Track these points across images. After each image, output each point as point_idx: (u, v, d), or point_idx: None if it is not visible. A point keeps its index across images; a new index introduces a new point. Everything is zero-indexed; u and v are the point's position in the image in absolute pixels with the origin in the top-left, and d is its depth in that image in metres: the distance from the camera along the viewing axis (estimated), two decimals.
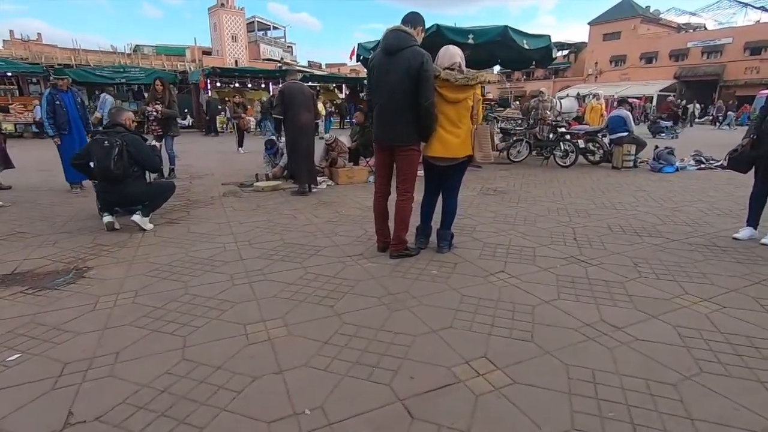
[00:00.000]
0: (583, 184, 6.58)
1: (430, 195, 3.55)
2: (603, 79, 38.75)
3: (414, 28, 3.10)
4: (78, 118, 6.07)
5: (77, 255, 3.45)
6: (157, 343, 2.15)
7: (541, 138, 9.06)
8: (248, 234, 4.00)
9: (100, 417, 1.62)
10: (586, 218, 4.57)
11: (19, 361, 1.99)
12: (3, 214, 4.77)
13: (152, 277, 2.99)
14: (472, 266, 3.18)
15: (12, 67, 17.02)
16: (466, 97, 3.18)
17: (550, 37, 8.41)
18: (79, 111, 6.14)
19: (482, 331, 2.24)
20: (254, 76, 22.31)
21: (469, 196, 5.69)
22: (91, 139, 4.11)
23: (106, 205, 4.16)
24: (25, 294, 2.73)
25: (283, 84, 6.01)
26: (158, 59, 28.06)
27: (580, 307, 2.51)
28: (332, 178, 6.74)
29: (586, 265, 3.20)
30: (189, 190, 6.25)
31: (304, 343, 2.15)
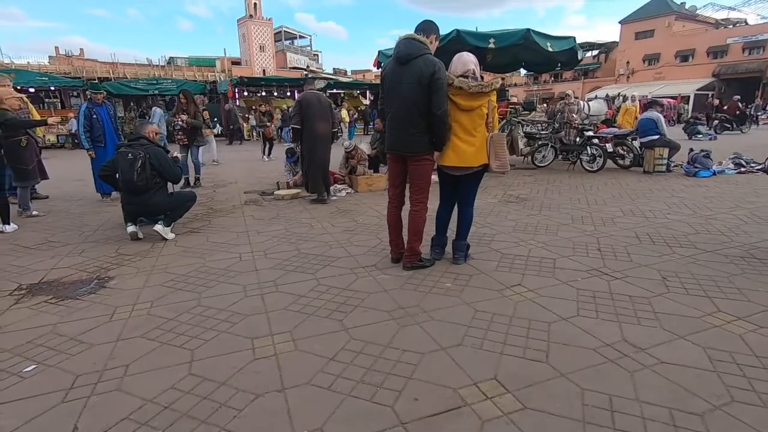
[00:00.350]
0: (610, 190, 6.32)
1: (445, 205, 3.47)
2: (636, 78, 37.45)
3: (427, 36, 3.04)
4: (113, 131, 6.31)
5: (101, 264, 3.56)
6: (166, 356, 2.17)
7: (567, 142, 8.80)
8: (265, 244, 4.03)
9: None
10: (613, 227, 4.37)
11: (34, 372, 2.04)
12: (37, 224, 5.00)
13: (168, 287, 3.05)
14: (488, 279, 3.08)
15: (54, 81, 18.02)
16: (480, 104, 3.10)
17: (574, 38, 8.17)
18: (113, 123, 6.39)
19: (494, 350, 2.15)
20: (280, 85, 22.78)
21: (490, 203, 5.56)
22: (116, 152, 4.25)
23: (131, 215, 4.29)
24: (48, 303, 2.83)
25: (300, 94, 6.08)
26: (190, 70, 29.14)
27: (600, 325, 2.37)
28: (352, 186, 6.75)
29: (610, 278, 3.04)
30: (212, 198, 6.39)
31: (310, 359, 2.12)
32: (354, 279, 3.12)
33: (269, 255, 3.71)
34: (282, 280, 3.13)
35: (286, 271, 3.32)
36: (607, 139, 8.31)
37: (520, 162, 9.28)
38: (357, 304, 2.71)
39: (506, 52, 8.37)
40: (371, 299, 2.78)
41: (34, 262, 3.66)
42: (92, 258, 3.73)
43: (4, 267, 3.55)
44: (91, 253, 3.86)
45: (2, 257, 3.81)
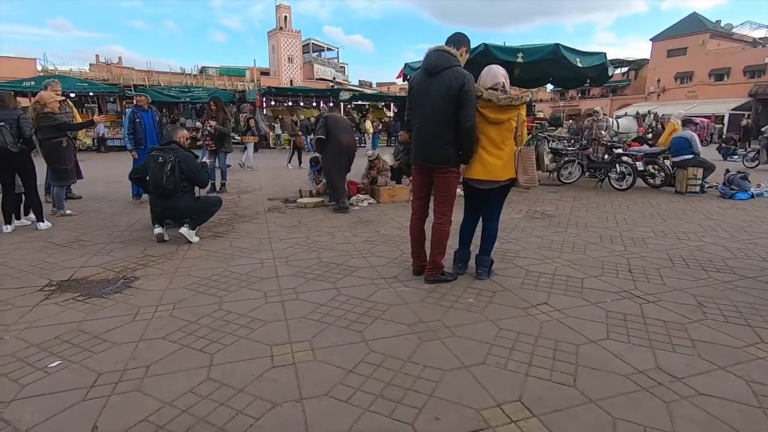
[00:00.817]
0: (641, 210, 6.11)
1: (469, 218, 3.41)
2: (667, 97, 36.54)
3: (458, 48, 3.03)
4: (155, 135, 6.52)
5: (127, 264, 3.63)
6: (185, 359, 2.17)
7: (595, 159, 8.60)
8: (286, 251, 4.04)
9: None
10: (644, 248, 4.20)
11: (59, 368, 2.07)
12: (70, 223, 5.17)
13: (191, 290, 3.07)
14: (512, 296, 2.99)
15: (93, 87, 18.85)
16: (509, 117, 3.05)
17: (605, 54, 8.04)
18: (156, 129, 6.61)
19: (518, 371, 2.07)
20: (306, 95, 23.20)
21: (514, 219, 5.45)
22: (148, 155, 4.38)
23: (158, 217, 4.39)
24: (76, 300, 2.89)
25: (326, 113, 6.39)
26: (221, 80, 30.04)
27: (632, 350, 2.26)
28: (374, 197, 6.74)
29: (642, 301, 2.91)
30: (237, 204, 6.49)
31: (329, 370, 2.08)
32: (375, 290, 3.08)
33: (290, 262, 3.71)
34: (302, 288, 3.12)
35: (306, 279, 3.31)
36: (637, 157, 8.08)
37: (545, 178, 9.11)
38: (377, 315, 2.67)
39: (534, 66, 8.28)
40: (392, 311, 2.73)
41: (65, 259, 3.77)
42: (119, 258, 3.82)
43: (37, 263, 3.66)
44: (118, 253, 3.95)
45: (36, 254, 3.93)
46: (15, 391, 1.89)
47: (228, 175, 8.07)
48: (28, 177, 4.79)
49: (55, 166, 5.43)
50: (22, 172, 4.75)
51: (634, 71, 42.18)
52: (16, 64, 28.56)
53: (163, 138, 6.41)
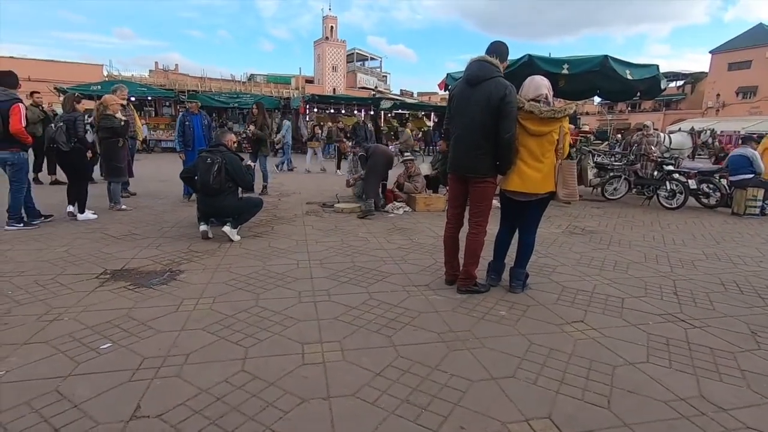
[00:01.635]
0: (691, 230, 5.78)
1: (505, 230, 3.37)
2: (726, 112, 34.36)
3: (500, 59, 3.02)
4: (202, 137, 6.89)
5: (173, 258, 3.85)
6: (222, 350, 2.27)
7: (643, 175, 8.22)
8: (321, 253, 4.14)
9: (161, 415, 1.73)
10: (692, 270, 3.97)
11: (109, 350, 2.23)
12: (125, 217, 5.54)
13: (230, 286, 3.22)
14: (547, 311, 2.91)
15: (151, 92, 20.13)
16: (551, 130, 3.00)
17: (657, 66, 7.69)
18: (205, 132, 6.99)
19: (549, 387, 2.02)
20: (348, 103, 23.66)
21: (553, 233, 5.31)
22: (198, 156, 4.63)
23: (204, 215, 4.62)
24: (127, 289, 3.10)
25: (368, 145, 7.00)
26: (267, 87, 31.26)
27: (673, 376, 2.15)
28: (410, 205, 6.77)
29: (687, 325, 2.75)
30: (276, 206, 6.71)
31: (357, 371, 2.12)
32: (406, 296, 3.10)
33: (325, 264, 3.80)
34: (335, 290, 3.18)
35: (339, 281, 3.38)
36: (690, 175, 7.65)
37: (588, 193, 8.80)
38: (407, 322, 2.68)
39: (580, 78, 8.05)
40: (422, 319, 2.74)
41: (119, 250, 4.05)
42: (167, 252, 4.05)
43: (95, 253, 3.95)
44: (166, 248, 4.19)
45: (94, 243, 4.25)
46: (71, 367, 2.06)
47: (270, 178, 8.35)
48: (77, 172, 5.32)
49: (111, 164, 5.86)
50: (74, 168, 5.29)
51: (691, 85, 40.02)
52: (85, 70, 31.03)
53: (211, 140, 6.76)
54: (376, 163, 6.37)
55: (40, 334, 2.39)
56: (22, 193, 4.75)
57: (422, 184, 7.12)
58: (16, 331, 2.40)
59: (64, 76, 26.50)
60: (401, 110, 24.78)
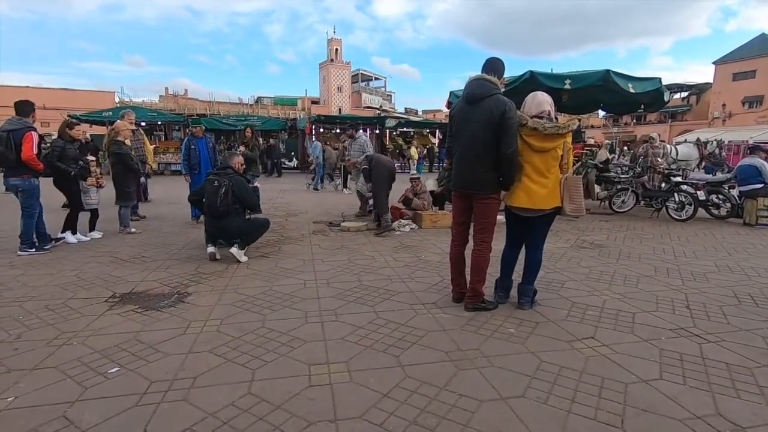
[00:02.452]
0: (702, 242, 5.70)
1: (511, 246, 3.35)
2: (733, 122, 34.21)
3: (498, 76, 3.06)
4: (208, 159, 7.02)
5: (181, 281, 3.88)
6: (229, 373, 2.27)
7: (651, 187, 8.17)
8: (328, 273, 4.15)
9: None
10: (705, 283, 3.90)
11: (117, 374, 2.24)
12: (134, 240, 5.61)
13: (238, 307, 3.22)
14: (556, 328, 2.87)
15: (161, 117, 20.61)
16: (555, 146, 3.01)
17: (660, 79, 7.73)
18: (210, 154, 7.12)
19: (560, 407, 1.98)
20: (353, 123, 23.95)
21: (561, 248, 5.26)
22: (206, 179, 4.71)
23: (211, 236, 4.67)
24: (135, 312, 3.12)
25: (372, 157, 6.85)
26: (274, 109, 31.88)
27: (689, 393, 2.09)
28: (416, 222, 6.78)
29: (701, 340, 2.70)
30: (284, 226, 6.75)
31: (364, 392, 2.09)
32: (413, 315, 3.08)
33: (332, 284, 3.80)
34: (342, 310, 3.17)
35: (346, 301, 3.37)
36: (698, 186, 7.59)
37: (595, 207, 8.75)
38: (415, 341, 2.66)
39: (583, 92, 8.12)
40: (429, 338, 2.71)
41: (128, 273, 4.09)
42: (175, 274, 4.08)
43: (104, 276, 4.00)
44: (174, 270, 4.23)
45: (103, 267, 4.30)
46: (79, 392, 2.06)
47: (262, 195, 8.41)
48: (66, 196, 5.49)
49: (120, 188, 5.97)
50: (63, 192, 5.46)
51: (696, 96, 40.06)
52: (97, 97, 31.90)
53: (217, 163, 6.87)
54: (382, 176, 6.40)
55: (50, 359, 2.40)
56: (34, 218, 4.84)
57: (429, 201, 7.14)
58: (26, 357, 2.42)
59: (78, 103, 27.29)
60: (406, 128, 25.03)
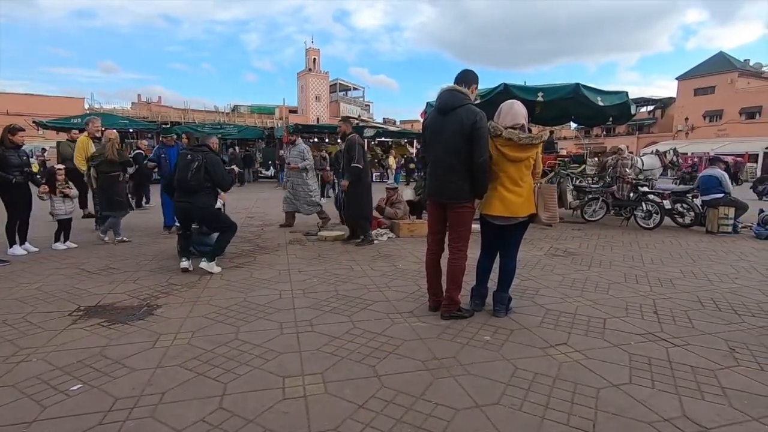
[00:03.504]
0: (669, 249, 5.92)
1: (486, 254, 3.39)
2: (696, 135, 35.95)
3: (468, 86, 3.12)
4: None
5: (151, 293, 3.75)
6: (200, 387, 2.20)
7: (620, 197, 8.45)
8: (304, 283, 4.09)
9: None
10: (671, 288, 4.04)
11: (79, 392, 2.14)
12: (102, 251, 5.41)
13: (210, 319, 3.14)
14: (530, 335, 2.91)
15: (133, 124, 20.08)
16: (528, 155, 3.09)
17: (627, 93, 8.08)
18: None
19: (534, 413, 2.00)
20: (332, 132, 23.94)
21: (535, 256, 5.37)
22: (178, 154, 4.55)
23: (179, 218, 4.50)
24: (101, 326, 2.99)
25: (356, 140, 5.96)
26: (251, 117, 31.54)
27: (657, 397, 2.15)
28: (393, 230, 6.79)
29: (668, 344, 2.78)
30: (259, 236, 6.64)
31: (339, 404, 2.06)
32: (390, 324, 3.07)
33: (308, 294, 3.75)
34: (318, 320, 3.13)
35: (322, 311, 3.33)
36: (664, 196, 7.90)
37: (568, 215, 8.98)
38: (391, 350, 2.65)
39: (555, 105, 8.39)
40: (406, 347, 2.70)
41: (94, 286, 3.93)
42: (145, 286, 3.95)
43: (69, 289, 3.83)
44: (144, 281, 4.09)
45: (68, 279, 4.12)
46: (37, 412, 1.96)
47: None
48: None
49: (111, 197, 5.80)
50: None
51: (661, 110, 41.88)
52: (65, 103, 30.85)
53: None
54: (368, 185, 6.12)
55: (7, 377, 2.27)
56: None
57: (404, 210, 7.17)
58: None
59: (44, 109, 26.33)
60: (384, 138, 25.18)
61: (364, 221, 6.10)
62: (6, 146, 4.97)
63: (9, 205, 5.08)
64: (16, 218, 5.16)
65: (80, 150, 6.58)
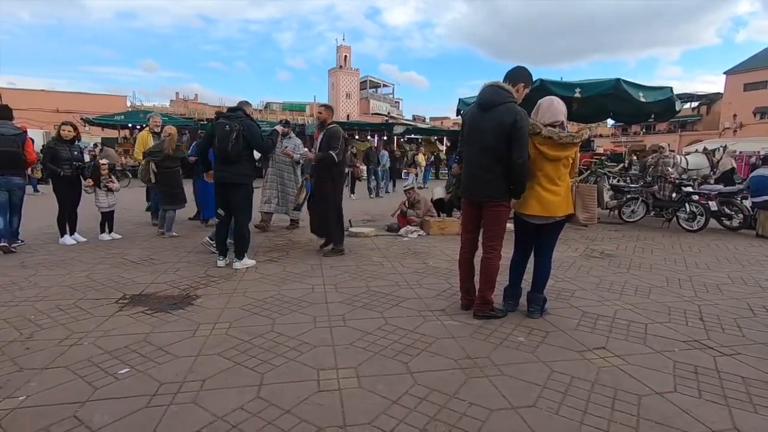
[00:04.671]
0: (715, 253, 5.62)
1: (520, 254, 3.33)
2: (745, 133, 33.88)
3: (514, 84, 3.05)
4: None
5: (191, 283, 3.89)
6: (238, 376, 2.26)
7: (661, 197, 8.09)
8: (336, 278, 4.14)
9: None
10: (718, 294, 3.84)
11: (127, 375, 2.25)
12: (144, 242, 5.66)
13: (246, 311, 3.23)
14: (567, 337, 2.84)
15: (172, 121, 20.81)
16: (567, 154, 3.01)
17: (671, 88, 7.70)
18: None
19: (572, 417, 1.94)
20: (361, 129, 24.10)
21: (570, 257, 5.22)
22: (216, 122, 4.59)
23: (220, 179, 4.47)
24: (145, 314, 3.13)
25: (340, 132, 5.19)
26: (283, 114, 32.13)
27: (704, 407, 2.05)
28: (423, 228, 6.76)
29: (716, 353, 2.65)
30: (291, 231, 6.76)
31: (373, 398, 2.08)
32: (422, 322, 3.06)
33: (340, 289, 3.79)
34: (350, 315, 3.16)
35: (354, 306, 3.36)
36: (710, 197, 7.50)
37: (605, 216, 8.68)
38: (423, 348, 2.64)
39: (593, 101, 8.10)
40: (438, 345, 2.69)
41: (138, 275, 4.12)
42: (184, 277, 4.10)
43: (114, 277, 4.03)
44: (183, 272, 4.25)
45: (114, 269, 4.33)
46: (89, 393, 2.07)
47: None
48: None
49: (168, 190, 6.06)
50: None
51: (706, 106, 39.78)
52: (109, 101, 32.39)
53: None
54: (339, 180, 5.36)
55: (60, 359, 2.42)
56: None
57: (424, 209, 7.06)
58: (37, 356, 2.44)
59: (91, 107, 27.71)
60: (414, 135, 25.10)
61: (335, 231, 5.23)
62: (57, 140, 5.32)
63: (59, 197, 5.42)
64: (66, 209, 5.49)
65: (140, 144, 6.96)
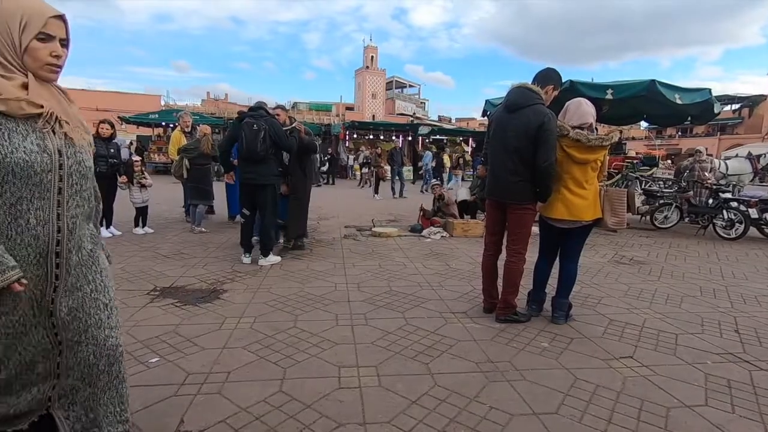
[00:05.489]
0: (754, 263, 5.36)
1: (545, 258, 3.27)
2: None
3: (543, 86, 3.01)
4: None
5: (218, 278, 4.01)
6: (261, 369, 2.32)
7: (697, 203, 7.76)
8: (359, 277, 4.18)
9: (202, 431, 1.79)
10: (756, 306, 3.67)
11: (157, 364, 2.34)
12: (174, 237, 5.86)
13: (270, 306, 3.30)
14: (592, 345, 2.77)
15: (203, 120, 21.42)
16: (596, 157, 2.94)
17: (710, 90, 7.38)
18: None
19: (596, 427, 1.90)
20: (386, 129, 24.15)
21: (598, 262, 5.09)
22: (242, 122, 4.59)
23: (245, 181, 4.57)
24: (174, 306, 3.25)
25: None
26: (310, 114, 32.58)
27: (738, 423, 1.97)
28: (446, 230, 6.73)
29: (752, 367, 2.53)
30: (315, 229, 6.86)
31: (393, 398, 2.09)
32: (443, 323, 3.06)
33: (362, 288, 3.83)
34: (372, 315, 3.19)
35: (376, 306, 3.39)
36: (750, 203, 7.15)
37: (636, 221, 8.41)
38: (444, 349, 2.64)
39: (625, 103, 7.87)
40: (459, 347, 2.68)
41: (168, 268, 4.27)
42: (212, 271, 4.22)
43: (147, 270, 4.19)
44: (211, 267, 4.38)
45: (146, 261, 4.51)
46: None
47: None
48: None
49: (199, 186, 6.29)
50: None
51: (748, 108, 37.88)
52: (145, 100, 33.65)
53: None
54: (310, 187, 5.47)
55: None
56: None
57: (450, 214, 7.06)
58: None
59: (127, 105, 28.85)
60: (439, 136, 24.95)
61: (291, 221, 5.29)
62: (95, 138, 5.57)
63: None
64: (103, 205, 5.75)
65: (174, 143, 7.19)
